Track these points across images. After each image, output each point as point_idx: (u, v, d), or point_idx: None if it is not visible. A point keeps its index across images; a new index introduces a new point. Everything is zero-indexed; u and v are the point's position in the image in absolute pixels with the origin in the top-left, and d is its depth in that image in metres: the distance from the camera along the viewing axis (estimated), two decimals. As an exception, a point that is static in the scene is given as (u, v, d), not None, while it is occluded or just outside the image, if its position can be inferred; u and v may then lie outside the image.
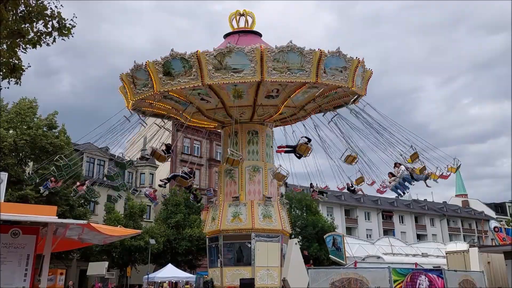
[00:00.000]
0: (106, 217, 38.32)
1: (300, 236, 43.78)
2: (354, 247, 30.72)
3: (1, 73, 8.46)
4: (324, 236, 33.38)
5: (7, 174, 15.63)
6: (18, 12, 8.23)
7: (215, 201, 21.30)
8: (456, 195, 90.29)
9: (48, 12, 8.37)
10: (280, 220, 19.77)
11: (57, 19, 8.47)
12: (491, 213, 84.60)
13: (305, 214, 47.10)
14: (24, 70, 8.72)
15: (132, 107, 19.89)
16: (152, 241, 34.67)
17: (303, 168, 21.07)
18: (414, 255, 32.53)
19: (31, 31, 8.44)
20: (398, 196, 19.60)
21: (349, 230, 65.03)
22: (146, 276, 33.49)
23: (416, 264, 22.48)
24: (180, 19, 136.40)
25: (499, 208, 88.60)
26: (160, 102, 19.87)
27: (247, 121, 20.90)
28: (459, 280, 15.33)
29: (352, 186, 20.70)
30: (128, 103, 19.81)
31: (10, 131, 29.90)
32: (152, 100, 19.37)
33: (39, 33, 8.49)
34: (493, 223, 37.00)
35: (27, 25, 8.32)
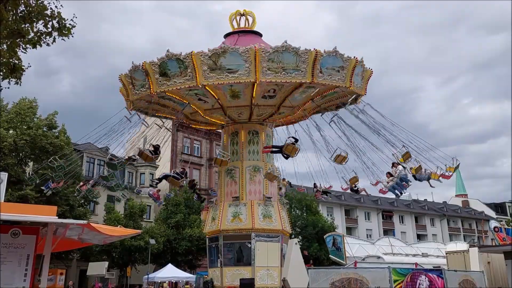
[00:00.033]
0: (106, 217, 38.33)
1: (300, 236, 43.76)
2: (354, 247, 30.71)
3: (1, 73, 8.46)
4: (324, 236, 33.38)
5: (7, 174, 15.62)
6: (18, 12, 8.24)
7: (215, 201, 21.31)
8: (456, 195, 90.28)
9: (48, 12, 8.39)
10: (280, 220, 19.76)
11: (57, 19, 8.48)
12: (491, 213, 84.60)
13: (305, 214, 47.08)
14: (24, 70, 8.73)
15: (132, 108, 19.91)
16: (152, 241, 34.66)
17: (306, 168, 20.88)
18: (414, 255, 32.53)
19: (31, 31, 8.45)
20: (397, 196, 19.53)
21: (349, 230, 65.02)
22: (146, 276, 33.48)
23: (416, 264, 22.48)
24: (180, 19, 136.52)
25: (499, 208, 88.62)
26: (158, 102, 19.89)
27: (246, 121, 20.87)
28: (459, 280, 15.33)
29: (355, 186, 20.61)
30: (129, 104, 19.83)
31: (10, 131, 29.90)
32: (150, 100, 19.41)
33: (39, 33, 8.50)
34: (493, 223, 37.02)
35: (27, 25, 8.33)
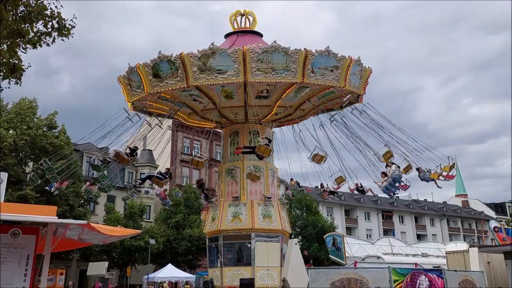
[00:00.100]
0: (106, 217, 38.35)
1: (300, 236, 43.77)
2: (354, 247, 30.71)
3: (1, 73, 8.46)
4: (324, 236, 33.37)
5: (7, 174, 15.63)
6: (18, 12, 8.23)
7: (215, 201, 21.30)
8: (456, 195, 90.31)
9: (48, 12, 8.38)
10: (280, 220, 19.74)
11: (57, 19, 8.47)
12: (491, 213, 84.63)
13: (305, 214, 47.10)
14: (24, 70, 8.72)
15: (133, 108, 20.04)
16: (152, 241, 34.66)
17: (311, 168, 20.71)
18: (414, 255, 32.53)
19: (31, 31, 8.45)
20: (391, 196, 19.52)
21: (349, 230, 65.03)
22: (146, 276, 33.48)
23: (416, 264, 22.47)
24: (180, 19, 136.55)
25: (499, 208, 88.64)
26: (156, 102, 20.01)
27: (244, 121, 20.77)
28: (459, 280, 15.33)
29: (361, 187, 20.53)
30: (129, 105, 19.99)
31: (10, 131, 29.90)
32: (149, 101, 19.56)
33: (39, 33, 8.50)
34: (493, 223, 36.99)
35: (27, 25, 8.32)
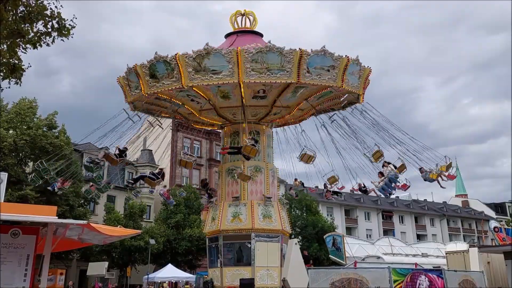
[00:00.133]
0: (106, 217, 38.32)
1: (300, 236, 43.77)
2: (354, 247, 30.70)
3: (1, 73, 8.45)
4: (324, 236, 33.37)
5: (7, 174, 15.63)
6: (18, 12, 8.23)
7: (215, 201, 21.29)
8: (456, 195, 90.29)
9: (48, 12, 8.37)
10: (280, 220, 19.74)
11: (56, 19, 8.46)
12: (491, 213, 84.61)
13: (305, 214, 47.10)
14: (24, 70, 8.71)
15: (134, 109, 20.11)
16: (152, 241, 34.66)
17: (314, 168, 20.65)
18: (414, 255, 32.51)
19: (31, 31, 8.44)
20: (386, 197, 19.53)
21: (349, 230, 65.02)
22: (146, 276, 33.47)
23: (416, 264, 22.47)
24: (180, 19, 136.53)
25: (499, 208, 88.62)
26: (155, 103, 20.08)
27: (242, 122, 20.73)
28: (459, 280, 15.33)
29: (364, 187, 20.52)
30: (130, 106, 20.08)
31: (10, 131, 29.89)
32: (148, 101, 19.61)
33: (39, 33, 8.49)
34: (493, 223, 36.96)
35: (27, 25, 8.32)
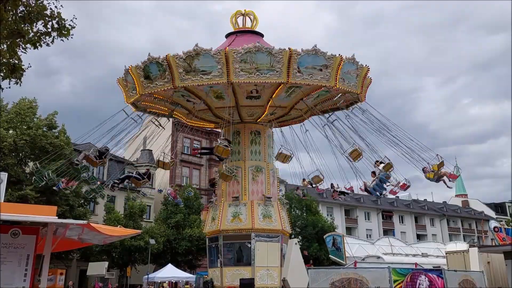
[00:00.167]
0: (106, 217, 38.30)
1: (300, 236, 43.76)
2: (354, 247, 30.67)
3: (2, 73, 8.44)
4: (324, 236, 33.35)
5: (7, 174, 15.65)
6: (18, 12, 8.22)
7: (215, 201, 21.30)
8: (456, 195, 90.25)
9: (48, 12, 8.36)
10: (280, 220, 19.74)
11: (56, 20, 8.45)
12: (491, 213, 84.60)
13: (305, 214, 47.08)
14: (24, 70, 8.70)
15: (135, 108, 20.23)
16: (152, 241, 34.65)
17: (317, 167, 20.66)
18: (414, 255, 32.49)
19: (31, 31, 8.43)
20: (378, 197, 19.53)
21: (349, 230, 65.00)
22: (146, 276, 33.47)
23: (416, 264, 22.46)
24: (180, 19, 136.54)
25: (499, 208, 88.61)
26: (153, 103, 20.17)
27: (240, 122, 20.77)
28: (459, 280, 15.32)
29: (368, 187, 20.43)
30: (132, 107, 20.20)
31: (10, 131, 29.87)
32: (146, 102, 19.76)
33: (39, 33, 8.48)
34: (493, 223, 36.97)
35: (27, 25, 8.31)
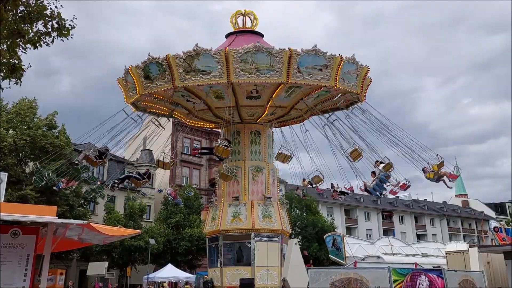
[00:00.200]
0: (106, 217, 38.30)
1: (300, 236, 43.76)
2: (354, 247, 30.66)
3: (2, 73, 8.44)
4: (324, 236, 33.34)
5: (7, 174, 15.66)
6: (18, 12, 8.22)
7: (215, 201, 21.29)
8: (456, 195, 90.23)
9: (48, 12, 8.36)
10: (280, 220, 19.74)
11: (56, 20, 8.45)
12: (491, 213, 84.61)
13: (305, 214, 47.08)
14: (24, 70, 8.69)
15: (135, 109, 20.24)
16: (152, 241, 34.65)
17: (317, 167, 20.71)
18: (414, 255, 32.48)
19: (31, 31, 8.43)
20: (378, 197, 19.54)
21: (349, 230, 65.00)
22: (146, 276, 33.47)
23: (416, 264, 22.45)
24: (180, 19, 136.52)
25: (499, 208, 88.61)
26: (153, 103, 20.17)
27: (241, 122, 20.77)
28: (459, 280, 15.32)
29: (368, 187, 20.41)
30: (133, 107, 20.21)
31: (10, 131, 29.86)
32: (146, 101, 19.76)
33: (39, 33, 8.48)
34: (493, 223, 36.96)
35: (27, 25, 8.31)
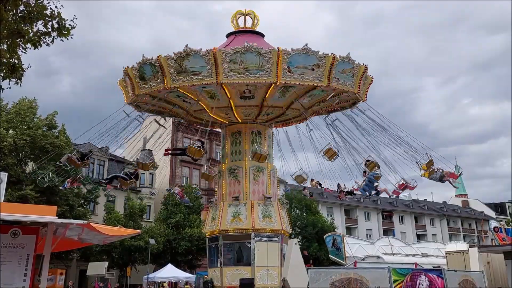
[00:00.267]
0: (106, 217, 38.30)
1: (300, 236, 43.75)
2: (354, 247, 30.66)
3: (2, 73, 8.44)
4: (324, 236, 33.35)
5: (7, 174, 15.66)
6: (18, 12, 8.21)
7: (215, 201, 21.30)
8: (456, 195, 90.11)
9: (48, 12, 8.35)
10: (280, 220, 19.76)
11: (56, 19, 8.44)
12: (491, 213, 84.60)
13: (305, 214, 47.08)
14: (24, 70, 8.69)
15: (137, 109, 20.31)
16: (152, 241, 34.65)
17: (322, 167, 20.78)
18: (414, 255, 32.48)
19: (31, 31, 8.43)
20: (369, 195, 19.55)
21: (349, 230, 64.99)
22: (146, 276, 33.46)
23: (416, 264, 22.46)
24: (180, 19, 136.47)
25: (499, 208, 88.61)
26: (152, 103, 20.23)
27: (239, 122, 20.74)
28: (459, 280, 15.33)
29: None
30: (131, 105, 20.25)
31: (10, 131, 29.86)
32: (145, 102, 19.87)
33: (39, 33, 8.48)
34: (493, 223, 37.01)
35: (27, 25, 8.31)
